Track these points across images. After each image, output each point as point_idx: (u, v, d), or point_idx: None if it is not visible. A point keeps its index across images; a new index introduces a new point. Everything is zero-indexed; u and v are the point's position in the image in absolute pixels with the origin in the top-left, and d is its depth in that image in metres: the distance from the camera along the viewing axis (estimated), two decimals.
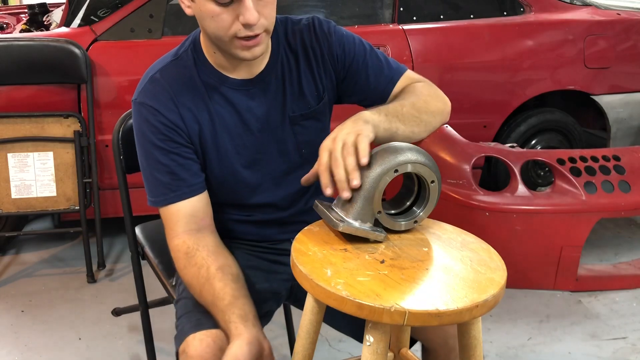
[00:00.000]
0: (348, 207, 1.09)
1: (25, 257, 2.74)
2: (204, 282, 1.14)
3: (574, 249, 2.41)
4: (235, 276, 1.16)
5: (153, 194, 1.24)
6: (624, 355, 2.11)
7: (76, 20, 2.63)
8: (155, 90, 1.22)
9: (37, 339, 2.17)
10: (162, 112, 1.21)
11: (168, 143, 1.21)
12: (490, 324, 2.27)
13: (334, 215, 1.10)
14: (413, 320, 0.90)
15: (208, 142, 1.25)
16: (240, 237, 1.39)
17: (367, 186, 1.07)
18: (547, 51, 2.90)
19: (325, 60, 1.29)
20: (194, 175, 1.23)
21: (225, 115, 1.25)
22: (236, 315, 1.08)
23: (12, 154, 2.48)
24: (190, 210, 1.22)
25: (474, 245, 1.11)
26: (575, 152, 2.56)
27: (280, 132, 1.29)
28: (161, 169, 1.21)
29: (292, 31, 1.29)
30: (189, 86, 1.23)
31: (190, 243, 1.19)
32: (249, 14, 1.09)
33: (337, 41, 1.29)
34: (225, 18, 1.11)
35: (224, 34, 1.13)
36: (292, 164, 1.33)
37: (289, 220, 1.38)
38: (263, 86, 1.27)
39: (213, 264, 1.16)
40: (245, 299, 1.12)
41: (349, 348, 2.10)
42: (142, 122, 1.22)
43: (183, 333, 1.16)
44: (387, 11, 2.84)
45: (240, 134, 1.27)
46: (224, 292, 1.11)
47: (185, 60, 1.25)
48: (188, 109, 1.23)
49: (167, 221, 1.23)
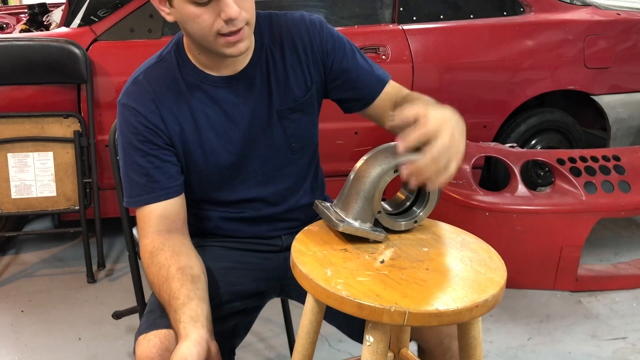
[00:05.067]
0: (348, 207, 1.09)
1: (25, 257, 2.74)
2: (163, 281, 1.15)
3: (574, 249, 2.41)
4: (195, 277, 1.16)
5: (128, 195, 1.25)
6: (624, 355, 2.11)
7: (76, 20, 2.63)
8: (137, 91, 1.24)
9: (37, 339, 2.17)
10: (143, 113, 1.22)
11: (147, 144, 1.22)
12: (490, 324, 2.27)
13: (334, 215, 1.10)
14: (413, 321, 0.90)
15: (191, 141, 1.26)
16: (230, 235, 1.39)
17: (367, 186, 1.07)
18: (547, 51, 2.90)
19: (315, 53, 1.29)
20: (170, 179, 1.24)
21: (210, 113, 1.26)
22: (187, 315, 1.08)
23: (12, 154, 2.48)
24: (162, 212, 1.23)
25: (474, 245, 1.11)
26: (575, 152, 2.56)
27: (268, 126, 1.30)
28: (137, 170, 1.23)
29: (277, 25, 1.29)
30: (171, 87, 1.25)
31: (157, 243, 1.20)
32: (230, 9, 1.10)
33: (328, 37, 1.30)
34: (207, 18, 1.12)
35: (208, 33, 1.14)
36: (283, 158, 1.33)
37: (281, 217, 1.38)
38: (248, 82, 1.27)
39: (174, 264, 1.16)
40: (199, 301, 1.11)
41: (349, 348, 2.10)
42: (124, 123, 1.24)
43: (139, 332, 1.18)
44: (387, 11, 2.84)
45: (226, 130, 1.27)
46: (179, 292, 1.11)
47: (169, 61, 1.27)
48: (170, 110, 1.24)
49: (140, 222, 1.25)
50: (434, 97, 1.19)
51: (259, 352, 2.11)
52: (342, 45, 1.31)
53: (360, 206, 1.08)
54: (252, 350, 2.11)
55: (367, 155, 1.11)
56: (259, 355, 2.10)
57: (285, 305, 1.93)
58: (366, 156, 1.11)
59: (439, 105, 1.08)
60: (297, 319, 1.20)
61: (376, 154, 1.09)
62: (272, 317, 2.21)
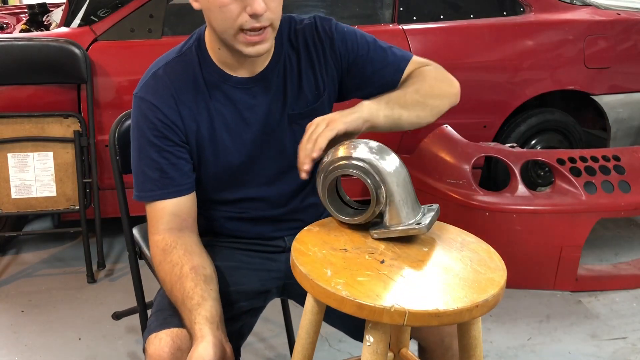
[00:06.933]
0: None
1: (25, 257, 2.74)
2: (176, 280, 1.15)
3: (574, 249, 2.41)
4: (208, 277, 1.16)
5: (140, 189, 1.25)
6: (624, 355, 2.11)
7: (76, 20, 2.63)
8: (157, 86, 1.23)
9: (37, 339, 2.17)
10: (161, 109, 1.21)
11: (163, 140, 1.22)
12: (490, 324, 2.27)
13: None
14: (413, 320, 0.90)
15: (205, 139, 1.26)
16: (233, 235, 1.39)
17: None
18: (547, 51, 2.90)
19: (328, 58, 1.29)
20: (183, 176, 1.24)
21: (225, 112, 1.26)
22: (202, 316, 1.08)
23: (12, 154, 2.48)
24: (174, 209, 1.23)
25: (474, 245, 1.11)
26: (575, 152, 2.55)
27: (280, 130, 1.30)
28: (152, 165, 1.22)
29: (294, 30, 1.30)
30: (190, 84, 1.24)
31: (169, 240, 1.20)
32: (257, 4, 1.10)
33: (339, 38, 1.30)
34: (233, 9, 1.12)
35: (230, 26, 1.14)
36: (289, 162, 1.33)
37: (284, 218, 1.38)
38: (265, 84, 1.27)
39: (187, 263, 1.17)
40: (213, 302, 1.12)
41: (349, 348, 2.10)
42: (140, 117, 1.23)
43: (149, 331, 1.17)
44: (387, 11, 2.84)
45: (239, 131, 1.27)
46: (193, 292, 1.12)
47: (189, 57, 1.26)
48: (188, 108, 1.23)
49: (151, 217, 1.24)
50: None
51: (259, 352, 2.11)
52: (354, 43, 1.30)
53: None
54: (252, 350, 2.11)
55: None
56: (259, 355, 2.10)
57: (285, 305, 1.93)
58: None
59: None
60: (297, 319, 1.20)
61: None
62: (272, 317, 2.21)
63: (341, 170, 1.11)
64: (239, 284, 1.32)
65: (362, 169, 1.09)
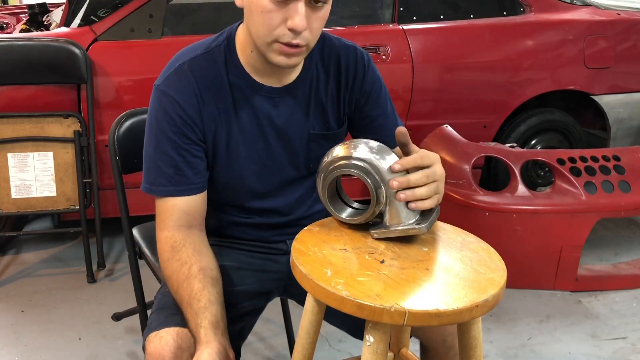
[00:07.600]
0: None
1: (25, 257, 2.74)
2: (184, 279, 1.14)
3: (574, 248, 2.41)
4: (215, 280, 1.15)
5: (151, 182, 1.22)
6: (624, 355, 2.11)
7: (76, 20, 2.63)
8: (180, 81, 1.19)
9: (37, 339, 2.17)
10: (182, 105, 1.18)
11: (181, 137, 1.19)
12: (490, 324, 2.27)
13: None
14: (413, 320, 0.90)
15: (221, 143, 1.24)
16: (235, 236, 1.39)
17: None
18: (547, 51, 2.90)
19: (355, 88, 1.28)
20: (197, 174, 1.22)
21: (244, 118, 1.24)
22: (208, 320, 1.07)
23: (12, 154, 2.48)
24: (185, 207, 1.21)
25: (474, 245, 1.11)
26: (575, 152, 2.56)
27: (297, 145, 1.28)
28: (167, 160, 1.20)
29: (328, 48, 1.27)
30: (215, 84, 1.21)
31: (178, 238, 1.19)
32: (299, 20, 1.07)
33: (370, 77, 1.29)
34: (274, 17, 1.08)
35: (267, 34, 1.10)
36: (299, 175, 1.33)
37: (288, 224, 1.38)
38: (289, 97, 1.25)
39: (196, 263, 1.15)
40: (219, 306, 1.11)
41: (349, 348, 2.10)
42: (160, 110, 1.19)
43: (150, 329, 1.16)
44: (387, 11, 2.84)
45: (254, 139, 1.25)
46: (201, 294, 1.11)
47: (217, 55, 1.22)
48: (209, 107, 1.21)
49: (160, 212, 1.23)
50: (434, 97, 1.20)
51: (259, 352, 2.11)
52: (379, 90, 1.31)
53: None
54: (252, 350, 2.11)
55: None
56: (259, 355, 2.10)
57: (285, 305, 1.93)
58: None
59: None
60: (297, 319, 1.20)
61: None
62: (272, 317, 2.21)
63: (341, 170, 1.11)
64: (241, 285, 1.31)
65: (362, 169, 1.09)
